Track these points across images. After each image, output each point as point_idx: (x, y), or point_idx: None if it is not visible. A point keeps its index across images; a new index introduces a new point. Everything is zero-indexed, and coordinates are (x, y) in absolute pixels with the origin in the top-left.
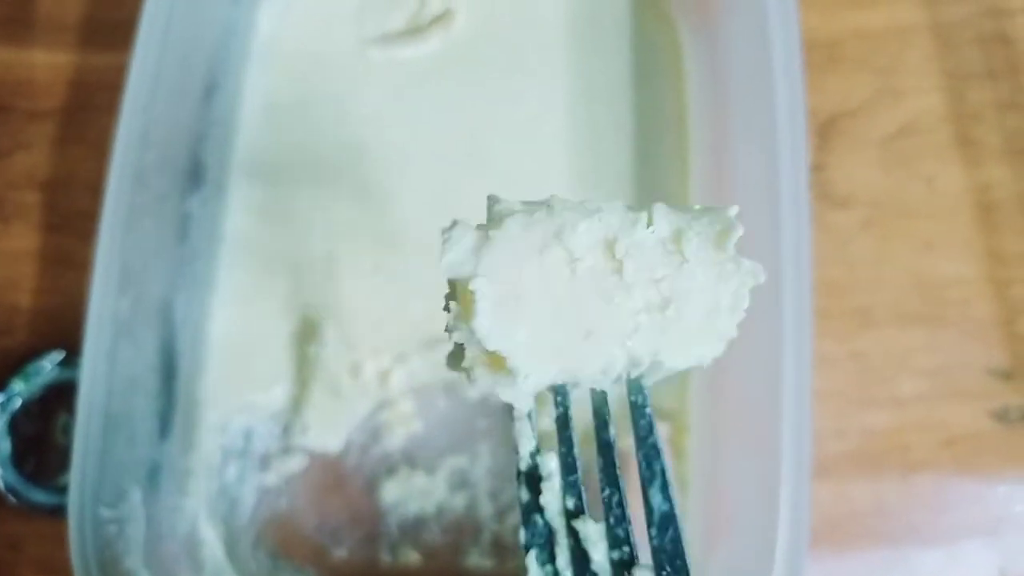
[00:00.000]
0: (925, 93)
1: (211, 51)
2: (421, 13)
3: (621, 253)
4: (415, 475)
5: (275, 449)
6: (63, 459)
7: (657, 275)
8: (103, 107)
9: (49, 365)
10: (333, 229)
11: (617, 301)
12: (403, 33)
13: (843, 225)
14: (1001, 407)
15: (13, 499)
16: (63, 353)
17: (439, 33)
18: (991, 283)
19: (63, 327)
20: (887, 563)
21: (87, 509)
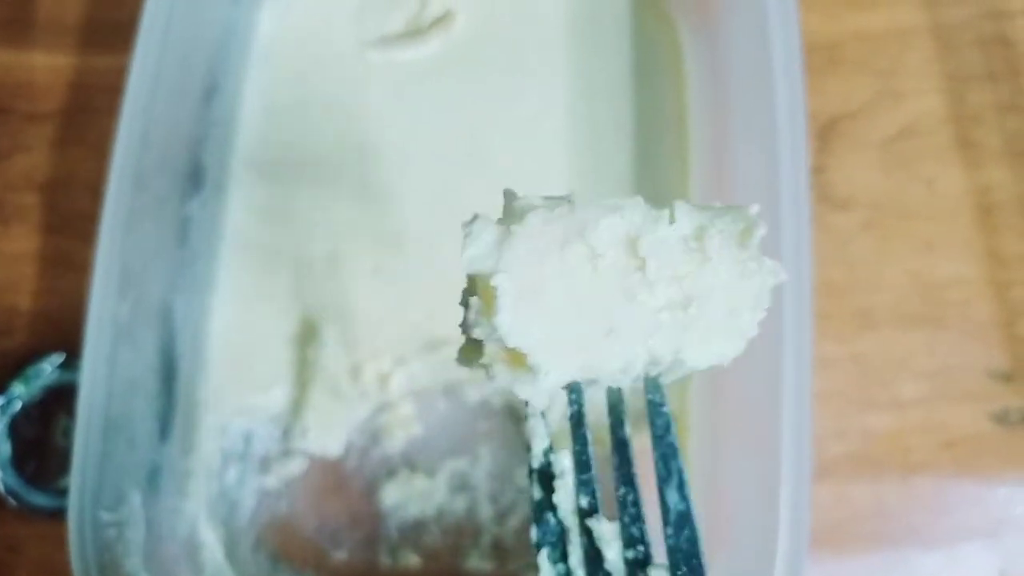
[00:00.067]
0: (925, 95)
1: (211, 52)
2: (421, 15)
3: (644, 250)
4: (415, 478)
5: (275, 452)
6: (63, 462)
7: (679, 273)
8: (103, 109)
9: (49, 367)
10: (333, 231)
11: (639, 299)
12: (403, 35)
13: (843, 227)
14: (1001, 409)
15: (13, 502)
16: (63, 355)
17: (439, 34)
18: (991, 285)
19: (63, 329)
20: (887, 565)
21: (87, 512)
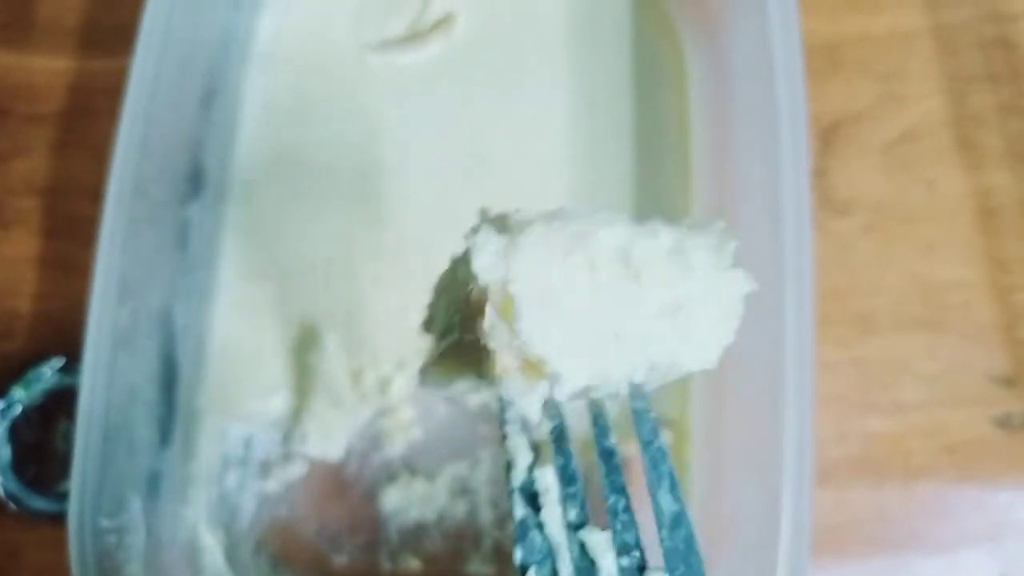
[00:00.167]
0: (927, 97)
1: (211, 56)
2: (421, 18)
3: (636, 261)
4: (415, 482)
5: (275, 456)
6: (64, 466)
7: (668, 283)
8: (103, 112)
9: (49, 371)
10: (333, 236)
11: (636, 307)
12: (403, 39)
13: (845, 230)
14: (1003, 413)
15: (13, 506)
16: (63, 359)
17: (439, 38)
18: (993, 288)
19: (63, 333)
20: (888, 570)
21: (87, 519)
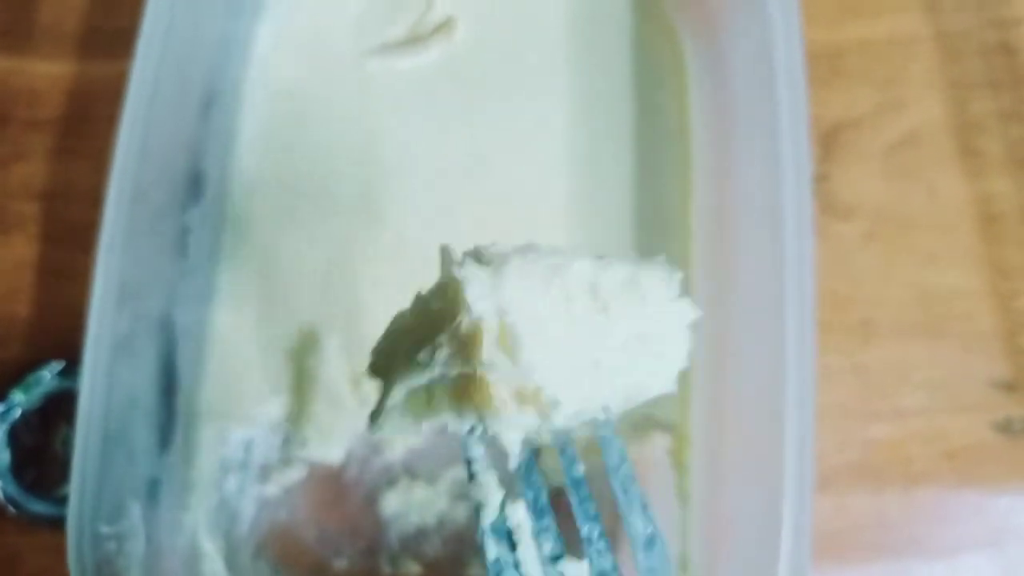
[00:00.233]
0: (928, 104)
1: (210, 62)
2: (422, 23)
3: (604, 292)
4: (416, 486)
5: (275, 460)
6: (63, 470)
7: (629, 313)
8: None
9: (49, 375)
10: (333, 241)
11: (607, 337)
12: (404, 43)
13: (846, 237)
14: (1004, 419)
15: (13, 510)
16: (63, 363)
17: (440, 43)
18: (994, 295)
19: (62, 337)
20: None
21: (86, 526)
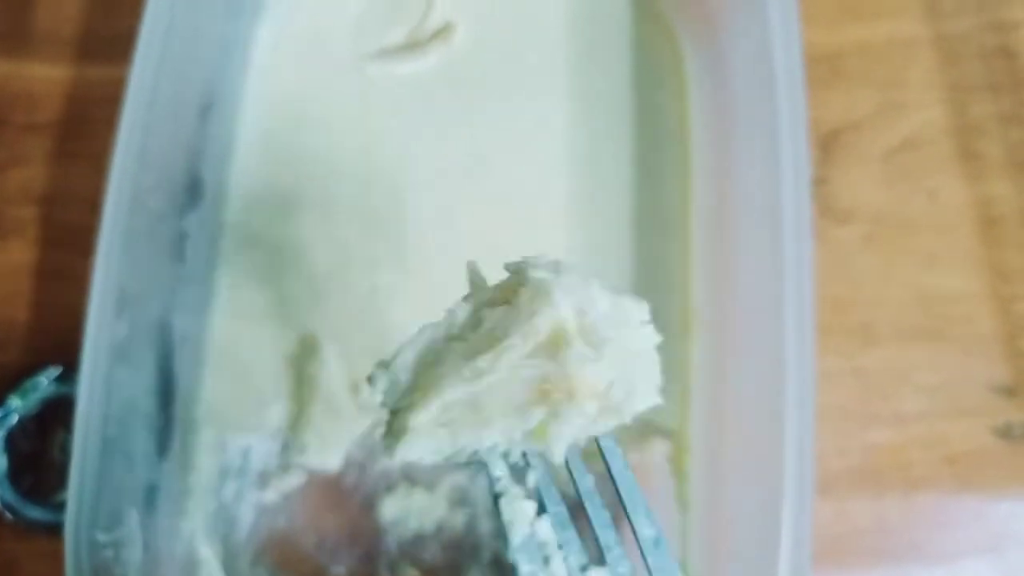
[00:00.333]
0: (927, 106)
1: (209, 66)
2: (421, 27)
3: (592, 318)
4: (414, 492)
5: (273, 467)
6: (61, 475)
7: (613, 336)
8: (100, 120)
9: (46, 381)
10: (331, 247)
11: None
12: (403, 48)
13: (845, 240)
14: (1004, 424)
15: (10, 516)
16: (60, 368)
17: (439, 47)
18: (994, 299)
19: (60, 342)
20: None
21: (83, 533)
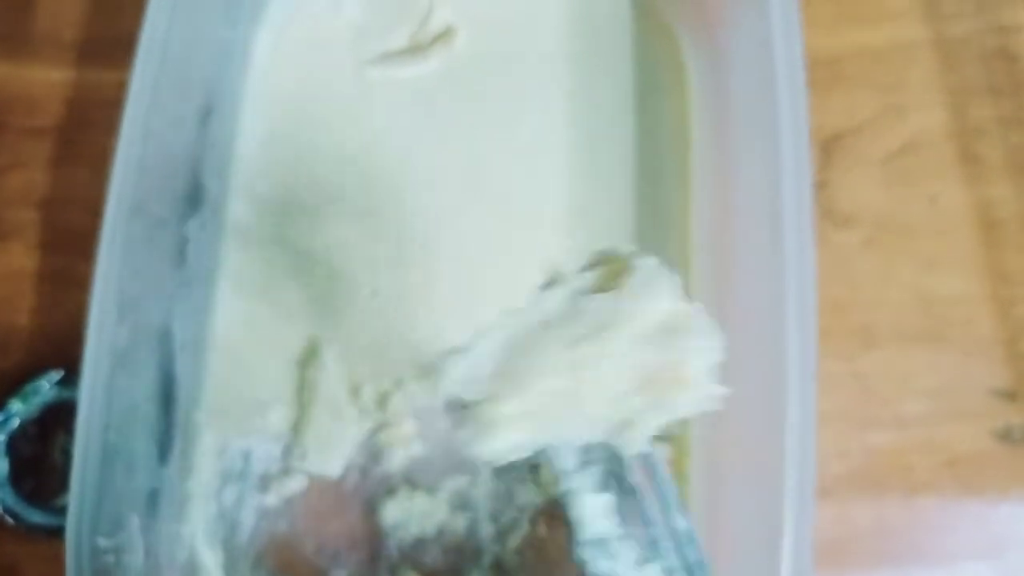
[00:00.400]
0: (928, 110)
1: (209, 71)
2: (421, 32)
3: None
4: (416, 496)
5: (274, 471)
6: (62, 480)
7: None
8: (101, 124)
9: (47, 385)
10: (332, 251)
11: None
12: (403, 52)
13: (846, 243)
14: (1004, 427)
15: (11, 520)
16: (62, 372)
17: (440, 51)
18: (994, 302)
19: (61, 346)
20: None
21: (84, 539)
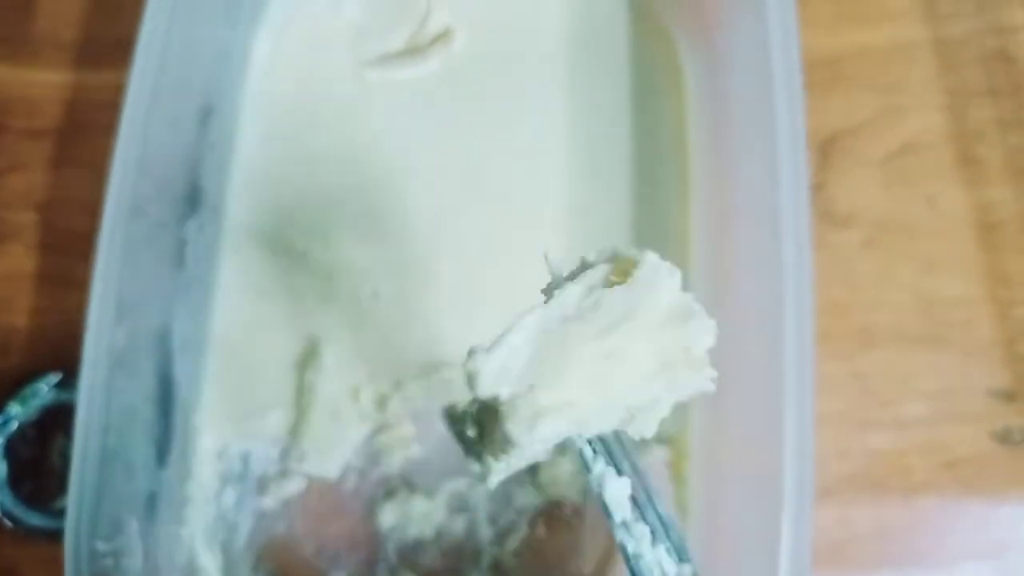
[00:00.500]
0: (927, 111)
1: (209, 72)
2: (420, 33)
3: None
4: (414, 498)
5: (273, 473)
6: (60, 482)
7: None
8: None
9: (46, 387)
10: (331, 253)
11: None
12: (402, 53)
13: (844, 244)
14: (1004, 428)
15: (9, 523)
16: (60, 374)
17: (439, 53)
18: (993, 303)
19: (60, 348)
20: None
21: (83, 542)
